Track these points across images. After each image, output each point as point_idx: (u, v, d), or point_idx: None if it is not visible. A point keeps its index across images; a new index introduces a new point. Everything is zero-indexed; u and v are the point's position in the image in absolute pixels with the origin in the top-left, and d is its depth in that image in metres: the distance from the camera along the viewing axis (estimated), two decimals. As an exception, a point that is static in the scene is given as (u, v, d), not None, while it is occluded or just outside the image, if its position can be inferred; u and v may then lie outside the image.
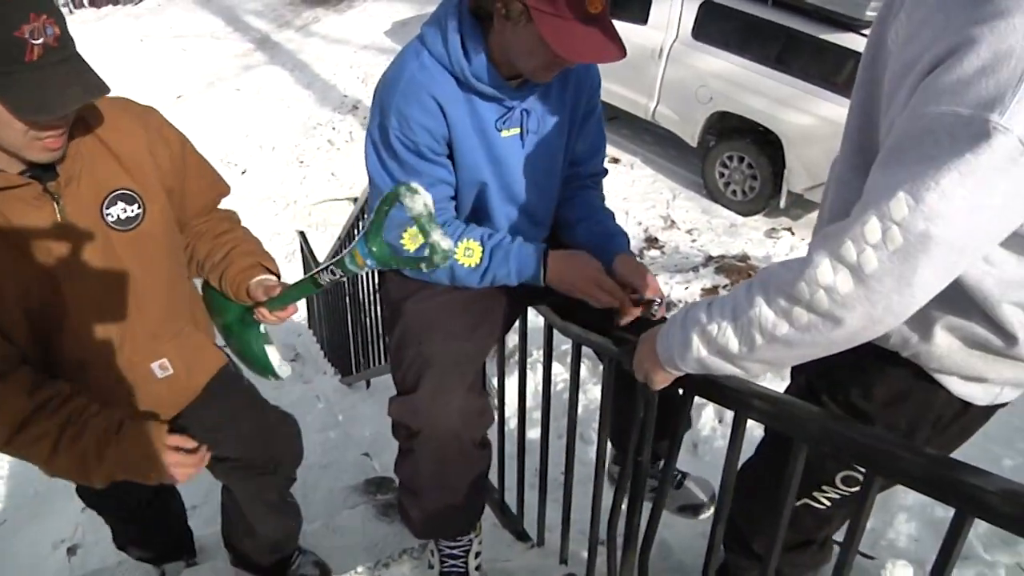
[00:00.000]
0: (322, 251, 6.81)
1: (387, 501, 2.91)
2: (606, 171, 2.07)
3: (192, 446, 1.63)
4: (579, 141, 1.92)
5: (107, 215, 1.57)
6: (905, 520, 2.74)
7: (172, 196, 1.72)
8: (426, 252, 1.44)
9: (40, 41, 1.27)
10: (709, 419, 3.58)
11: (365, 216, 4.04)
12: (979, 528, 2.65)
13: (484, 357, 1.99)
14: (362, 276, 4.88)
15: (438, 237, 1.41)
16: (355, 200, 6.11)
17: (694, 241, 6.78)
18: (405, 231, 1.59)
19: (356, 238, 1.50)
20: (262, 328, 1.90)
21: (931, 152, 1.00)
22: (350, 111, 10.22)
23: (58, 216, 1.49)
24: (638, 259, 1.86)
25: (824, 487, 1.57)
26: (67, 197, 1.51)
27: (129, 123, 1.62)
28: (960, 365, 1.34)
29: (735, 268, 5.61)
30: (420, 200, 1.41)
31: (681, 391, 1.60)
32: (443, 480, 1.94)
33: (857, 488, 1.52)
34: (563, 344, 3.47)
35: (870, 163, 1.25)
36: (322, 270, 1.64)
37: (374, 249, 1.53)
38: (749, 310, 1.21)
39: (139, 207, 1.62)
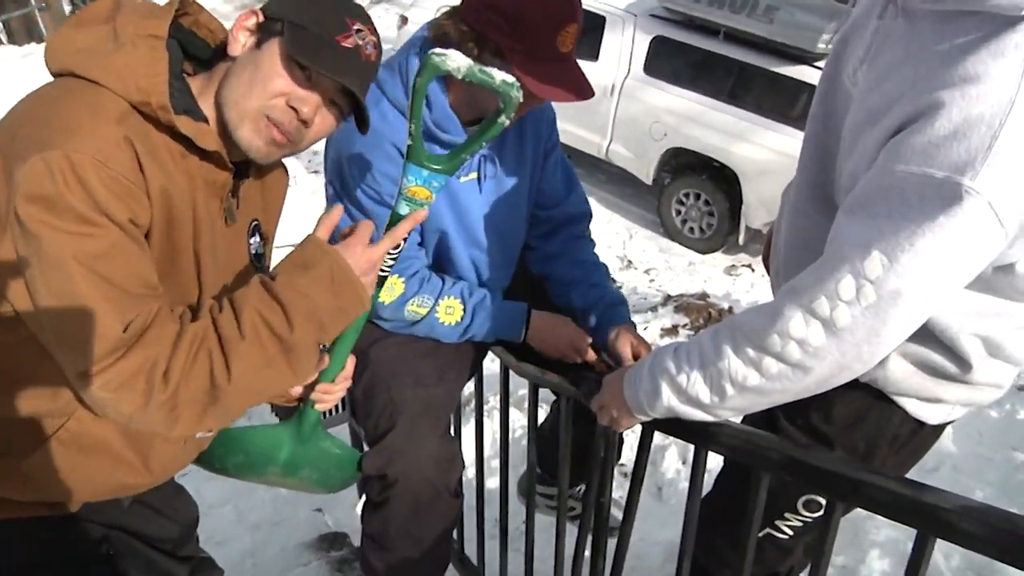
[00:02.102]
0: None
1: (341, 557, 2.87)
2: (590, 213, 2.09)
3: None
4: (544, 181, 1.97)
5: (250, 243, 1.48)
6: (878, 556, 2.77)
7: None
8: (499, 103, 1.30)
9: (362, 43, 1.26)
10: (673, 461, 3.60)
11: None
12: (952, 562, 2.69)
13: (454, 402, 2.02)
14: None
15: (499, 75, 1.26)
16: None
17: (652, 281, 6.79)
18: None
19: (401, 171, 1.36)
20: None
21: (900, 209, 1.05)
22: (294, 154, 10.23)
23: (223, 220, 1.37)
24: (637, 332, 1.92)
25: (786, 514, 1.60)
26: (239, 206, 1.41)
27: (281, 172, 1.56)
28: (916, 388, 1.40)
29: (694, 307, 5.65)
30: (456, 56, 1.26)
31: (640, 427, 1.63)
32: (415, 531, 1.95)
33: (819, 513, 1.55)
34: (520, 388, 3.52)
35: (827, 196, 1.35)
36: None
37: (431, 164, 1.35)
38: (717, 360, 1.25)
39: (263, 248, 1.53)
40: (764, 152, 6.60)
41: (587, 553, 1.97)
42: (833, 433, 1.51)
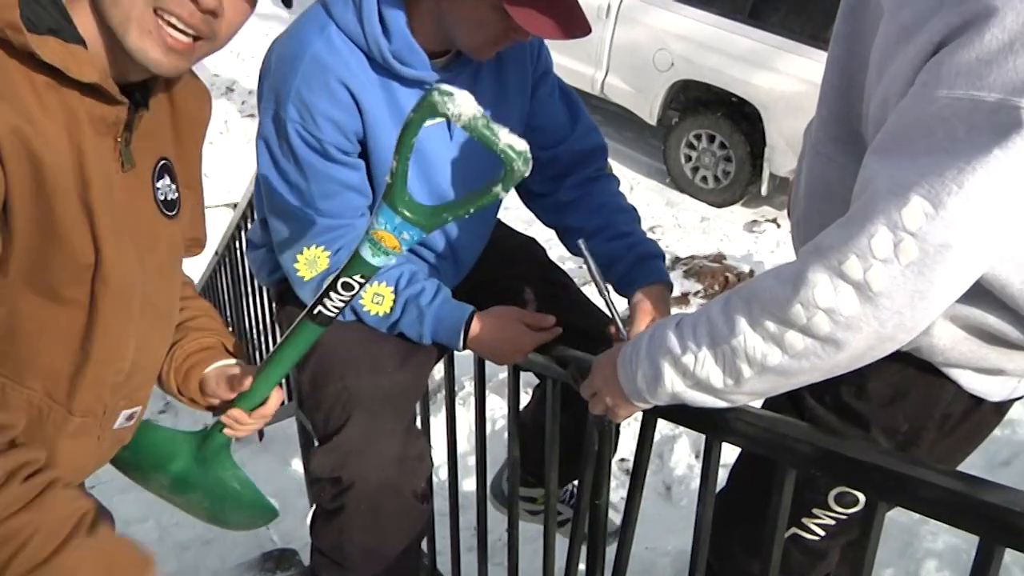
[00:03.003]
0: (193, 274, 6.68)
1: (290, 579, 2.85)
2: (604, 146, 2.08)
3: None
4: (539, 116, 1.96)
5: (156, 187, 1.40)
6: (935, 569, 2.76)
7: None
8: (501, 171, 1.30)
9: None
10: (684, 455, 3.63)
11: (248, 225, 3.95)
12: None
13: (421, 389, 2.05)
14: (245, 294, 4.74)
15: (507, 138, 1.26)
16: (234, 206, 5.98)
17: (658, 240, 6.85)
18: None
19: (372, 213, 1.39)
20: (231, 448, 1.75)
21: (945, 145, 1.03)
22: (224, 94, 10.08)
23: (120, 163, 1.30)
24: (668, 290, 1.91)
25: (815, 510, 1.60)
26: (135, 144, 1.33)
27: (199, 93, 1.50)
28: (970, 357, 1.38)
29: (708, 271, 5.65)
30: (463, 99, 1.25)
31: (641, 415, 1.63)
32: (375, 544, 1.96)
33: (856, 509, 1.56)
34: (500, 371, 3.53)
35: (853, 134, 1.34)
36: (325, 295, 1.46)
37: (407, 212, 1.36)
38: (731, 336, 1.24)
39: (176, 193, 1.46)
40: (791, 83, 6.52)
41: (581, 566, 1.98)
42: (869, 412, 1.51)
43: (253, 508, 1.77)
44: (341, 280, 1.43)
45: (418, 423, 2.18)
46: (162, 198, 1.41)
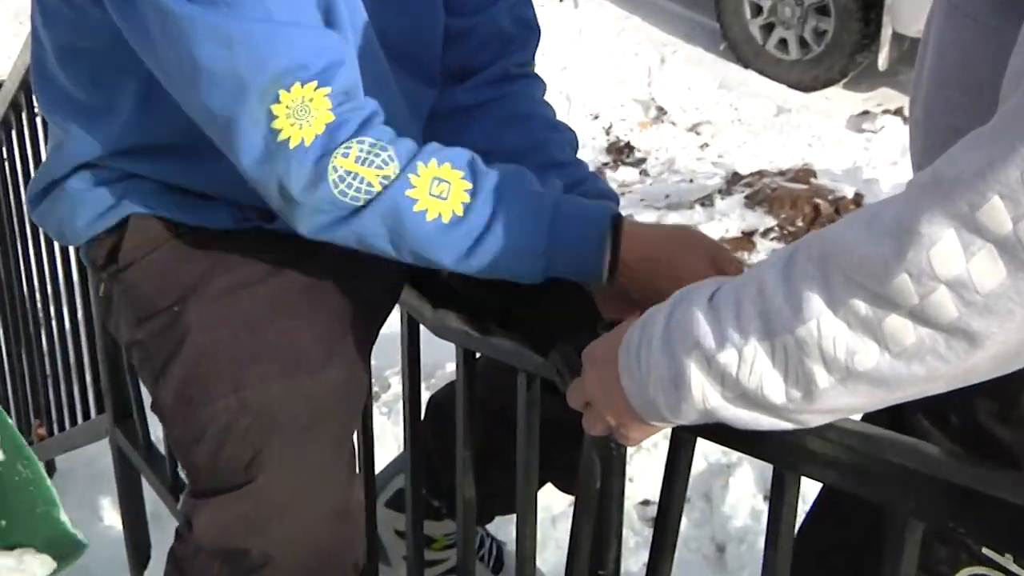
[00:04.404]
0: None
1: None
2: (537, 28, 2.09)
3: None
4: None
5: None
6: None
7: None
8: None
9: None
10: (744, 495, 3.52)
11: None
12: None
13: (362, 393, 2.00)
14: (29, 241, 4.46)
15: None
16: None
17: (705, 146, 6.68)
18: None
19: None
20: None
21: None
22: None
23: None
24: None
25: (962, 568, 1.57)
26: None
27: None
28: None
29: (788, 196, 5.41)
30: None
31: (668, 431, 1.55)
32: None
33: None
34: (446, 360, 3.45)
35: None
36: None
37: None
38: (797, 322, 1.17)
39: None
40: None
41: None
42: (1018, 439, 1.48)
43: (54, 547, 1.80)
44: None
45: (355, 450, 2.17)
46: None
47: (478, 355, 2.00)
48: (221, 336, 1.86)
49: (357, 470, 2.06)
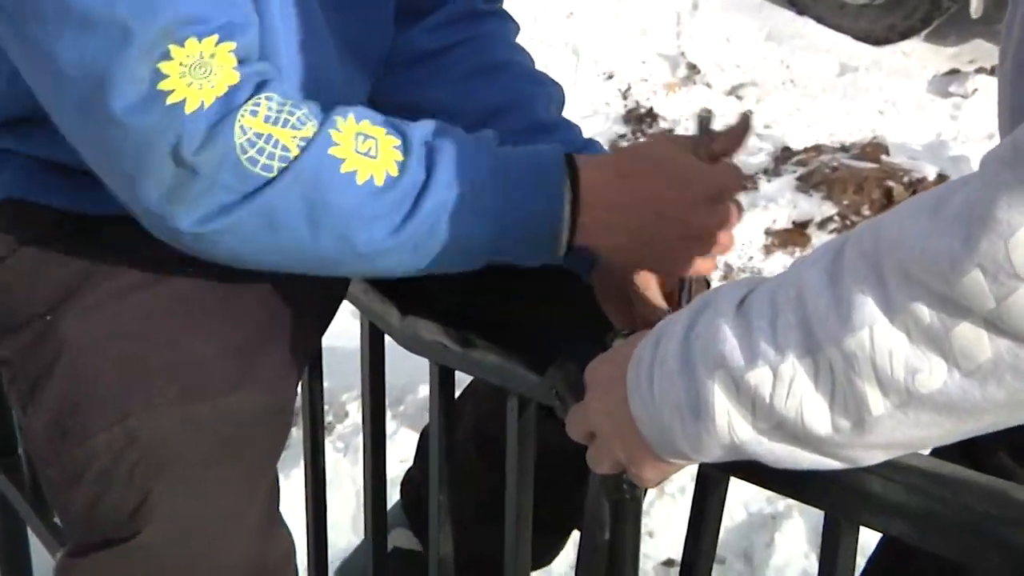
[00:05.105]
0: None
1: None
2: None
3: None
4: None
5: None
6: None
7: None
8: None
9: None
10: (797, 550, 3.48)
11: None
12: None
13: (287, 422, 1.99)
14: None
15: None
16: None
17: (750, 113, 6.54)
18: None
19: None
20: None
21: None
22: None
23: None
24: None
25: None
26: None
27: None
28: None
29: (853, 176, 5.34)
30: None
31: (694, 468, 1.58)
32: None
33: None
34: (420, 384, 3.52)
35: None
36: None
37: None
38: (845, 332, 1.14)
39: None
40: None
41: None
42: None
43: None
44: None
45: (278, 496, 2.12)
46: None
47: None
48: (104, 351, 1.78)
49: (277, 518, 1.97)
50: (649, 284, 1.76)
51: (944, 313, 1.06)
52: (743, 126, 1.80)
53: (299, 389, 2.19)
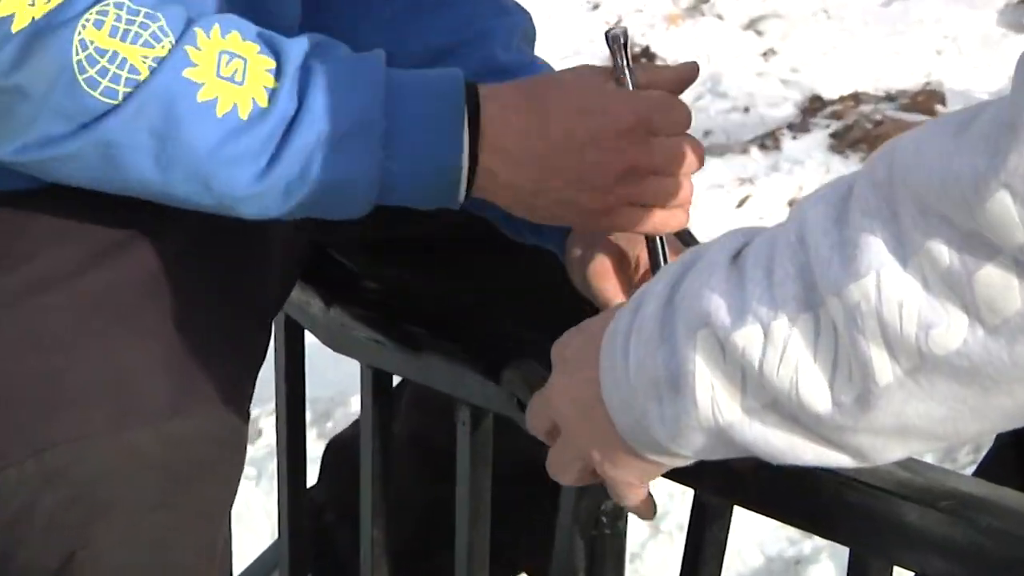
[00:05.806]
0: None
1: None
2: None
3: None
4: None
5: None
6: None
7: None
8: None
9: None
10: None
11: None
12: None
13: (242, 449, 1.85)
14: None
15: None
16: None
17: (770, 53, 6.44)
18: None
19: None
20: None
21: None
22: None
23: None
24: None
25: None
26: None
27: None
28: None
29: (895, 127, 5.17)
30: None
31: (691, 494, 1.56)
32: None
33: None
34: (349, 390, 3.43)
35: None
36: None
37: None
38: (847, 278, 1.09)
39: None
40: None
41: None
42: None
43: None
44: None
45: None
46: None
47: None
48: (12, 367, 1.62)
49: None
50: (606, 272, 1.65)
51: (966, 252, 0.99)
52: (687, 70, 1.65)
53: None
